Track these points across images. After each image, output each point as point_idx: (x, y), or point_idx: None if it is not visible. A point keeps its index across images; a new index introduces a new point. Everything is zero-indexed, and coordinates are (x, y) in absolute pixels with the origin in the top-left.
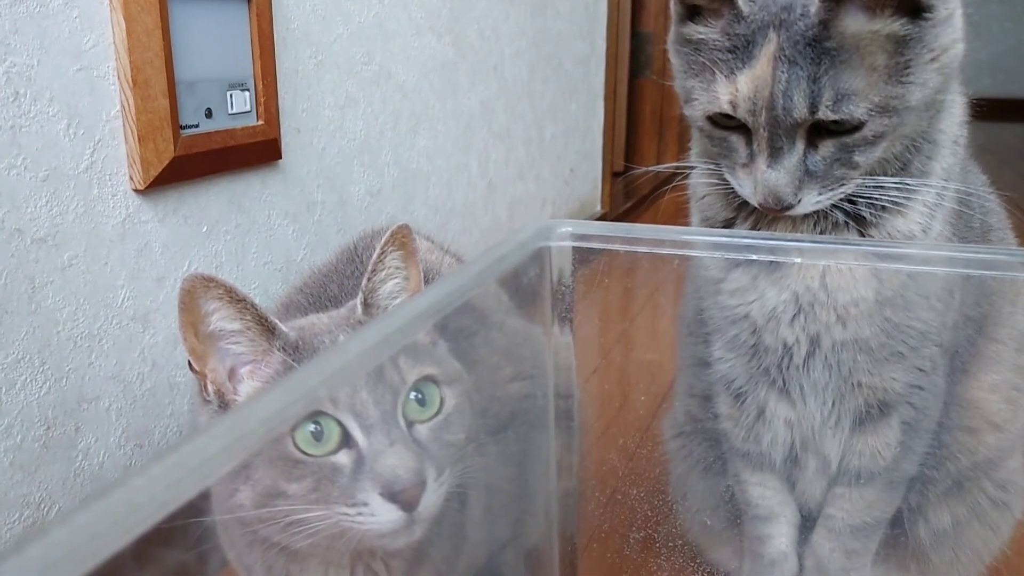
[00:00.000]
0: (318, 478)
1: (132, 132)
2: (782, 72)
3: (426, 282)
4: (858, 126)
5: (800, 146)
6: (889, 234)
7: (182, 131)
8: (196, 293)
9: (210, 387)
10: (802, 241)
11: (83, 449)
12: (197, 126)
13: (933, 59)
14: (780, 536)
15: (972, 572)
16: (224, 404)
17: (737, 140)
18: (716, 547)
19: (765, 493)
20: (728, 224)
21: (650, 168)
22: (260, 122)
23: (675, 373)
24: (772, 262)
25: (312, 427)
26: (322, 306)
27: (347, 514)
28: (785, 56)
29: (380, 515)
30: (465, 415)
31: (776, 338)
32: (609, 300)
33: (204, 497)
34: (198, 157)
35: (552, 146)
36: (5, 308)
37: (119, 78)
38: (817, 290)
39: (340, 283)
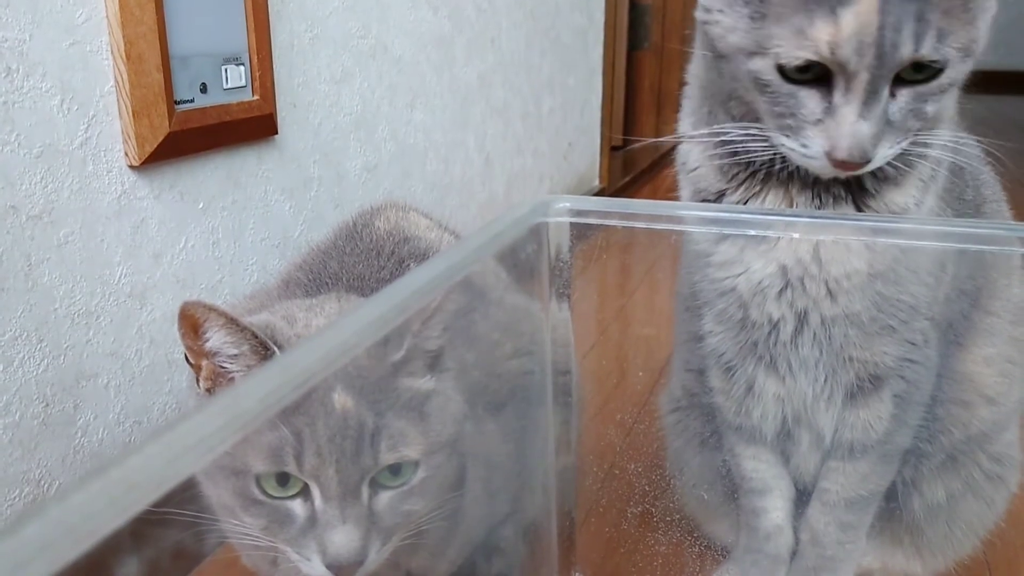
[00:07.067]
0: (272, 519)
1: (126, 107)
2: (892, 6)
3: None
4: (936, 73)
5: (886, 95)
6: (886, 206)
7: (177, 106)
8: (197, 320)
9: (202, 383)
10: (799, 216)
11: (82, 426)
12: (192, 101)
13: (988, 7)
14: (775, 509)
15: (967, 545)
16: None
17: (807, 95)
18: (713, 521)
19: (759, 467)
20: (720, 196)
21: (642, 141)
22: (255, 97)
23: (672, 348)
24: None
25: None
26: (323, 283)
27: (291, 555)
28: None
29: (317, 572)
30: (433, 485)
31: (762, 313)
32: (607, 276)
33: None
34: (193, 132)
35: (550, 120)
36: (2, 286)
37: (112, 52)
38: (809, 263)
39: (340, 260)
